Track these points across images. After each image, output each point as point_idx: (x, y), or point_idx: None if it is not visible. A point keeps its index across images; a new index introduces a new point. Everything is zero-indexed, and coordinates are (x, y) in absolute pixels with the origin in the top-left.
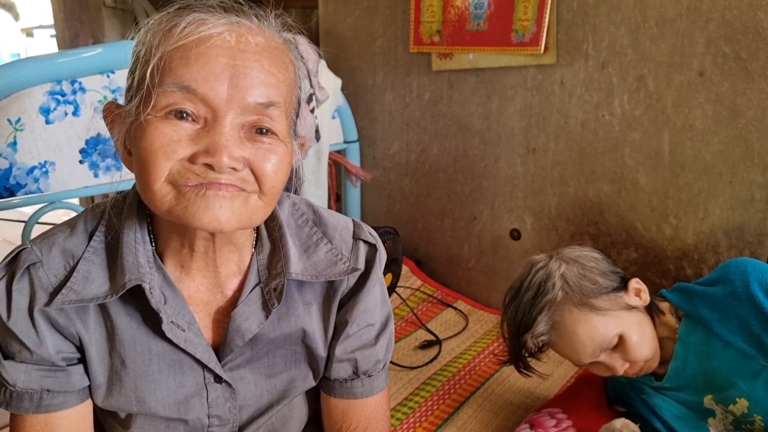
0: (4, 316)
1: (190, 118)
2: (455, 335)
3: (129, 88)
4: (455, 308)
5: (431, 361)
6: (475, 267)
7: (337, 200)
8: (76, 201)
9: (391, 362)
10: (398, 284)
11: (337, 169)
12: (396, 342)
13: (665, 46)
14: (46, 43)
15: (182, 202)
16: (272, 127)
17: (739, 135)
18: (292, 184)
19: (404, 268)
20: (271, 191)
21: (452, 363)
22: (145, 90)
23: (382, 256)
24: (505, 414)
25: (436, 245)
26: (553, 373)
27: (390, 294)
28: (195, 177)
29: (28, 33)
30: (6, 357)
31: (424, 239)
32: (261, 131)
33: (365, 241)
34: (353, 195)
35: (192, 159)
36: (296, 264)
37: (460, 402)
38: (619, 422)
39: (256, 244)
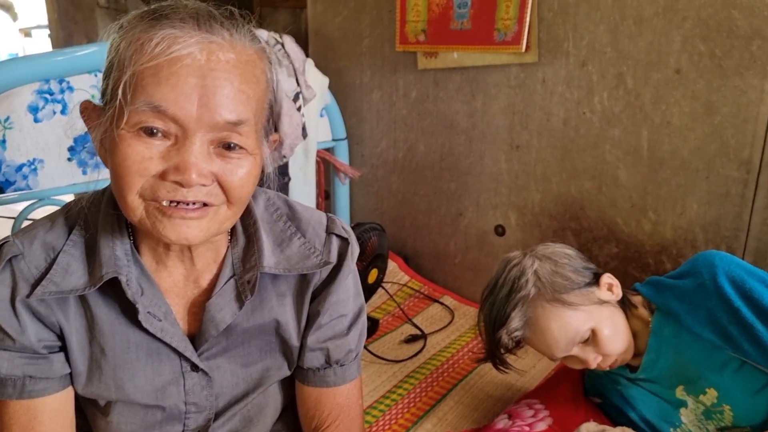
0: None
1: (160, 135)
2: (440, 330)
3: (104, 93)
4: (441, 303)
5: (416, 354)
6: (461, 263)
7: (326, 197)
8: (64, 198)
9: (376, 356)
10: (386, 280)
11: (326, 166)
12: (382, 336)
13: (643, 44)
14: (44, 43)
15: (152, 218)
16: (240, 142)
17: (714, 131)
18: (264, 180)
19: (392, 264)
20: (239, 201)
21: (436, 357)
22: (118, 105)
23: (354, 250)
24: (486, 406)
25: (423, 241)
26: (534, 366)
27: (375, 289)
28: (165, 194)
29: (27, 33)
30: None
31: (412, 235)
32: (229, 146)
33: (338, 236)
34: (342, 192)
35: (163, 176)
36: (269, 258)
37: (442, 394)
38: (584, 428)
39: (231, 239)
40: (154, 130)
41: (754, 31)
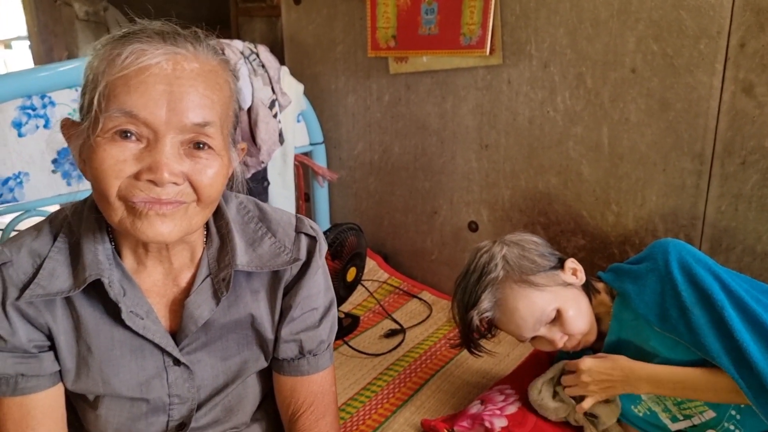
0: None
1: (134, 137)
2: (419, 323)
3: (81, 108)
4: (420, 299)
5: (395, 348)
6: (437, 259)
7: (306, 200)
8: (50, 209)
9: (356, 350)
10: (366, 278)
11: (304, 170)
12: (362, 332)
13: (600, 46)
14: (24, 55)
15: (130, 218)
16: (208, 142)
17: (669, 126)
18: (235, 185)
19: (372, 263)
20: (208, 200)
21: (414, 349)
22: (94, 115)
23: (322, 248)
24: (462, 394)
25: (401, 240)
26: (509, 355)
27: (355, 287)
28: (140, 193)
29: (6, 45)
30: None
31: (390, 234)
32: (198, 146)
33: (306, 234)
34: (321, 195)
35: (137, 176)
36: (242, 256)
37: (420, 384)
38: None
39: (206, 240)
40: (128, 133)
41: (701, 31)
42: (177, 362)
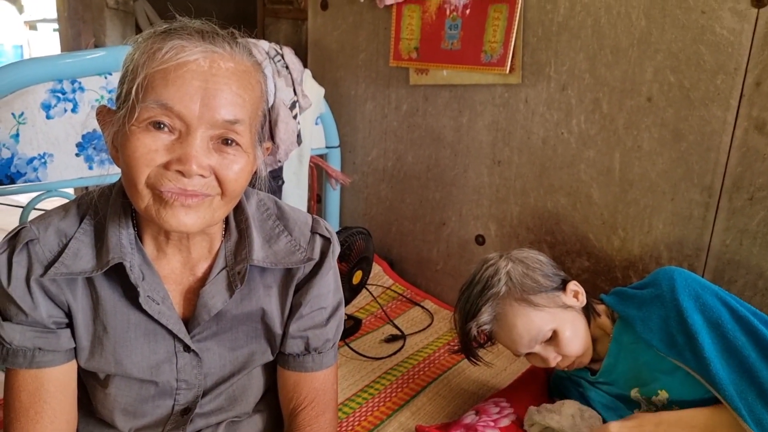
0: (5, 284)
1: (167, 129)
2: (420, 331)
3: (118, 97)
4: (422, 307)
5: (395, 353)
6: (442, 269)
7: (317, 201)
8: (70, 190)
9: (357, 352)
10: (371, 282)
11: (318, 172)
12: (364, 335)
13: (618, 73)
14: (48, 37)
15: (156, 206)
16: (236, 139)
17: (681, 157)
18: (257, 183)
19: (377, 268)
20: (232, 194)
21: (414, 356)
22: (131, 104)
23: (335, 249)
24: (459, 402)
25: (407, 247)
26: (506, 369)
27: (359, 290)
28: (168, 183)
29: (32, 26)
30: (4, 319)
31: (397, 241)
32: (227, 142)
33: (321, 235)
34: (333, 197)
35: (167, 166)
36: (258, 252)
37: (418, 390)
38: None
39: (225, 233)
40: (161, 125)
41: (719, 66)
42: (187, 349)
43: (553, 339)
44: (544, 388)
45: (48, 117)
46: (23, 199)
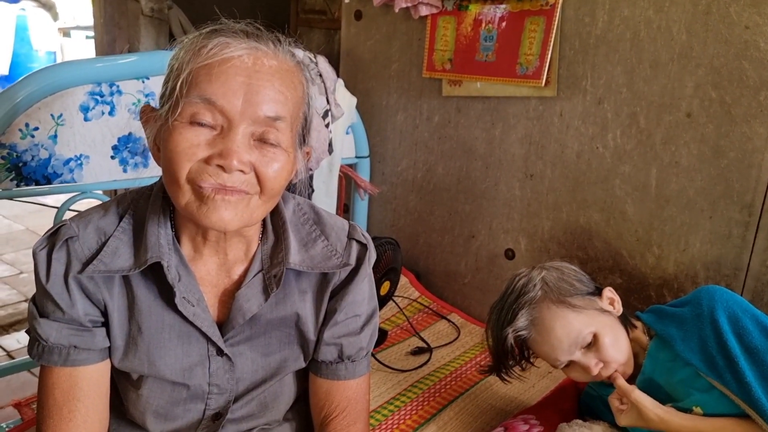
0: (44, 280)
1: (209, 125)
2: (446, 344)
3: (162, 95)
4: (449, 320)
5: (421, 366)
6: (470, 283)
7: (345, 211)
8: (103, 194)
9: (383, 364)
10: (397, 294)
11: (347, 181)
12: (389, 347)
13: (657, 87)
14: (81, 44)
15: (197, 202)
16: (277, 137)
17: (720, 174)
18: (297, 188)
19: (404, 280)
20: (271, 192)
21: (440, 369)
22: (174, 99)
23: (371, 256)
24: (486, 418)
25: (435, 260)
26: (534, 386)
27: (387, 301)
28: (208, 178)
29: (65, 33)
30: (41, 315)
31: (425, 253)
32: (268, 140)
33: (358, 241)
34: (361, 207)
35: (208, 160)
36: (295, 256)
37: (444, 404)
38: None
39: (262, 236)
40: (203, 122)
41: (763, 82)
42: (220, 352)
43: (594, 344)
44: (574, 407)
45: (86, 119)
46: (50, 200)
